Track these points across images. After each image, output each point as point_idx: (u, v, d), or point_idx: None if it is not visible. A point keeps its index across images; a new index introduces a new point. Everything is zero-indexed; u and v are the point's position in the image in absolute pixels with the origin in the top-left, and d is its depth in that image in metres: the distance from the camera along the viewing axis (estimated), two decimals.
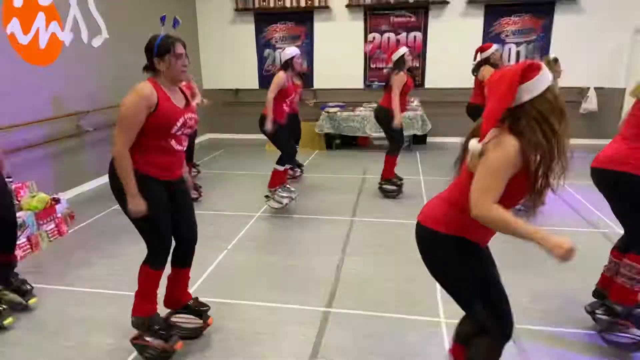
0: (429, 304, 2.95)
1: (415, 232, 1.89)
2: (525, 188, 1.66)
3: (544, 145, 1.59)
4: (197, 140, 7.06)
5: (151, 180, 2.32)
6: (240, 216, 4.65)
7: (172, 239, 2.50)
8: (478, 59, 5.18)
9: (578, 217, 4.49)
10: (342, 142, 7.93)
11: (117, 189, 2.33)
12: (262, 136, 8.29)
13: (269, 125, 4.45)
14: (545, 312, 2.87)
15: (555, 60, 4.37)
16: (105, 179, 5.84)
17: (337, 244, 3.93)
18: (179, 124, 2.34)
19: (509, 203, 1.66)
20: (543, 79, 1.60)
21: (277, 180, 4.76)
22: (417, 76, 8.10)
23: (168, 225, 2.42)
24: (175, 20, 2.62)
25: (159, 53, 2.29)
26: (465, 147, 1.76)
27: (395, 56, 4.92)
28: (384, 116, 5.02)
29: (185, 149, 2.47)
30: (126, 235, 4.08)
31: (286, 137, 4.71)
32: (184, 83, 3.11)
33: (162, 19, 2.63)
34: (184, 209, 2.53)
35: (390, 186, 5.17)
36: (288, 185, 4.87)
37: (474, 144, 1.64)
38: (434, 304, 2.95)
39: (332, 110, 7.68)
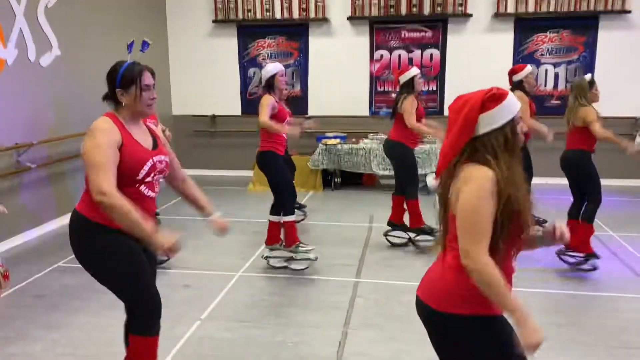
0: None
1: (416, 307, 1.93)
2: (517, 228, 1.75)
3: (501, 182, 1.70)
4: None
5: (121, 234, 2.32)
6: (218, 276, 4.62)
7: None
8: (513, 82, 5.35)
9: (637, 282, 4.50)
10: (342, 180, 7.99)
11: (86, 246, 2.35)
12: (243, 172, 8.52)
13: (295, 131, 4.58)
14: None
15: (592, 83, 4.50)
16: (47, 227, 5.87)
17: (339, 314, 3.88)
18: (146, 168, 2.38)
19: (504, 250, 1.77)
20: (504, 110, 1.74)
21: (293, 234, 4.65)
22: (432, 101, 8.27)
23: (151, 280, 2.46)
24: (144, 43, 2.71)
25: (123, 84, 2.35)
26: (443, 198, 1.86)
27: (403, 78, 5.05)
28: (395, 150, 5.10)
29: (157, 194, 2.51)
30: (69, 300, 4.03)
31: (288, 176, 4.76)
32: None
33: (130, 46, 2.73)
34: (153, 265, 2.58)
35: (425, 236, 5.20)
36: (303, 244, 4.79)
37: (431, 180, 1.77)
38: None
39: (330, 142, 7.78)
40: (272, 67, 4.67)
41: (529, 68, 5.34)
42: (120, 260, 2.35)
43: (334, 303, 4.08)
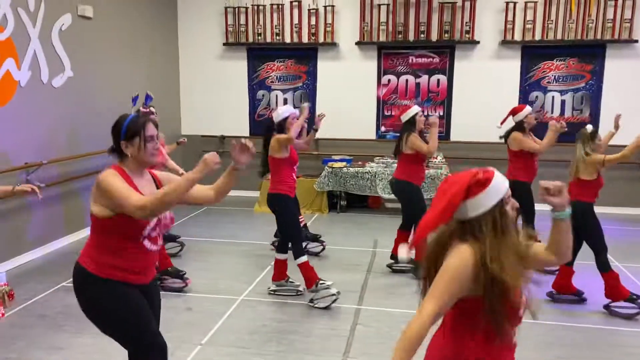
0: None
1: None
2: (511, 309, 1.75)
3: (487, 265, 1.70)
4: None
5: (123, 285, 2.40)
6: (220, 300, 4.62)
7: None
8: (510, 122, 5.36)
9: None
10: (348, 202, 8.00)
11: (87, 299, 2.41)
12: (250, 193, 8.55)
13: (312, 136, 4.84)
14: None
15: (593, 134, 4.45)
16: (54, 246, 5.92)
17: (339, 342, 3.87)
18: (152, 224, 2.43)
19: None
20: (491, 194, 1.74)
21: (310, 274, 4.51)
22: (439, 126, 8.29)
23: (155, 327, 2.49)
24: (147, 97, 2.80)
25: (127, 136, 2.41)
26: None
27: (405, 117, 5.10)
28: (402, 189, 5.13)
29: (159, 248, 2.55)
30: (72, 321, 4.06)
31: (297, 221, 4.73)
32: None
33: (134, 99, 2.82)
34: (154, 311, 2.59)
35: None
36: (292, 280, 4.78)
37: (403, 250, 1.79)
38: None
39: (336, 165, 7.81)
40: (285, 110, 4.66)
41: (528, 108, 5.37)
42: (121, 310, 2.39)
43: (335, 330, 4.06)
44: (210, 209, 8.08)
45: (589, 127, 4.54)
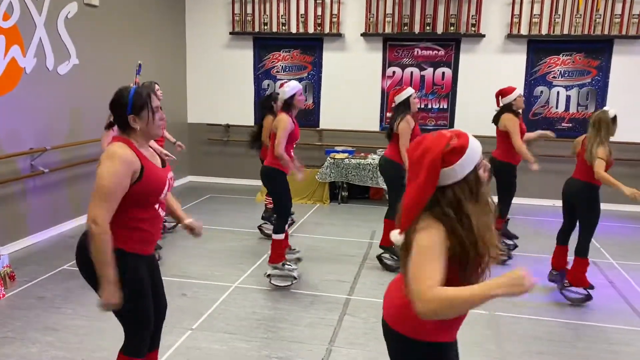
0: None
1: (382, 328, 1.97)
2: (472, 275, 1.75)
3: (463, 235, 1.69)
4: (175, 184, 7.22)
5: (133, 259, 2.43)
6: (214, 286, 4.71)
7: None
8: (500, 104, 5.36)
9: (630, 313, 4.45)
10: (350, 193, 8.05)
11: (91, 270, 2.36)
12: (254, 182, 8.63)
13: (298, 177, 4.63)
14: None
15: (614, 119, 4.35)
16: (58, 229, 6.05)
17: (326, 331, 3.95)
18: (165, 188, 2.50)
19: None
20: (466, 162, 1.71)
21: (281, 253, 4.72)
22: (443, 119, 8.30)
23: (152, 313, 2.56)
24: (139, 66, 2.82)
25: (135, 109, 2.36)
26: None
27: (399, 98, 5.07)
28: (388, 169, 5.14)
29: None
30: (69, 304, 4.18)
31: (289, 197, 4.79)
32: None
33: (139, 69, 2.81)
34: (157, 284, 2.68)
35: (390, 261, 5.25)
36: (289, 263, 4.85)
37: (395, 235, 1.80)
38: None
39: (338, 156, 7.85)
40: (291, 87, 4.62)
41: (518, 90, 5.34)
42: (132, 287, 2.42)
43: (323, 320, 4.13)
44: (212, 197, 8.18)
45: (612, 112, 4.32)
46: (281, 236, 4.72)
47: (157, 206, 2.49)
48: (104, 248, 2.26)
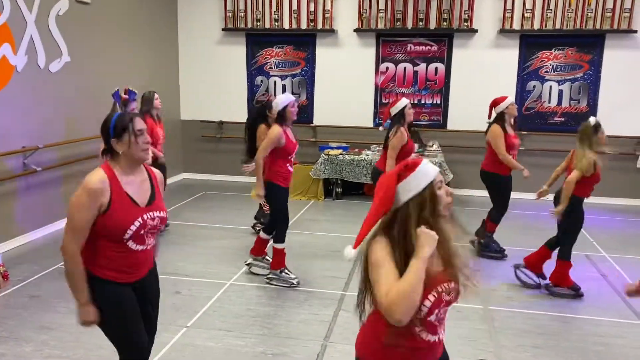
0: None
1: None
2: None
3: (400, 250, 1.79)
4: (169, 181, 7.18)
5: (109, 286, 2.41)
6: (209, 284, 4.72)
7: (148, 342, 2.60)
8: (493, 115, 5.37)
9: (623, 306, 4.49)
10: (344, 189, 8.06)
11: None
12: (247, 179, 8.61)
13: (259, 191, 4.55)
14: None
15: (597, 127, 4.40)
16: (52, 228, 6.03)
17: (321, 327, 3.96)
18: (134, 227, 2.36)
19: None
20: (420, 175, 1.82)
21: (281, 259, 4.74)
22: (436, 114, 8.31)
23: (140, 332, 2.52)
24: (130, 93, 2.76)
25: (116, 133, 2.36)
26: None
27: (394, 110, 5.09)
28: (378, 178, 5.14)
29: (152, 244, 2.53)
30: (63, 302, 4.18)
31: (286, 209, 4.76)
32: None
33: (115, 95, 2.77)
34: (146, 307, 2.61)
35: None
36: (268, 258, 4.89)
37: (348, 249, 1.89)
38: None
39: (332, 152, 7.86)
40: (284, 99, 4.58)
41: (510, 99, 5.33)
42: (109, 312, 2.42)
43: (318, 316, 4.15)
44: (207, 194, 8.17)
45: (592, 120, 4.42)
46: (282, 245, 4.70)
47: (128, 242, 2.38)
48: (72, 274, 2.34)
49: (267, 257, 4.91)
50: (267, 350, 3.62)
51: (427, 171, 1.84)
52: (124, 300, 2.46)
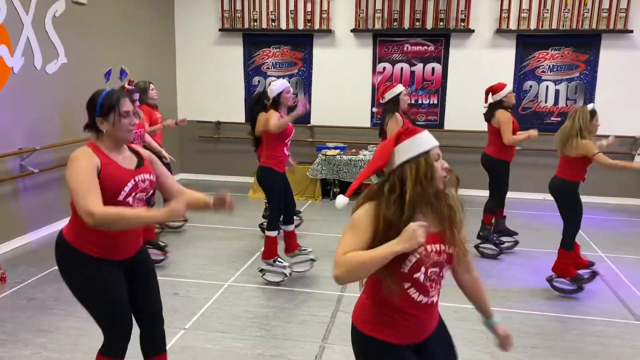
0: None
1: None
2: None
3: (385, 213, 1.84)
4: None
5: (94, 260, 2.43)
6: (207, 285, 4.72)
7: (132, 322, 2.59)
8: (490, 101, 5.38)
9: (619, 305, 4.51)
10: (341, 190, 8.06)
11: (66, 270, 2.47)
12: (245, 179, 8.63)
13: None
14: None
15: (593, 113, 4.40)
16: (49, 230, 6.01)
17: (319, 328, 3.97)
18: (127, 188, 2.41)
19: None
20: (416, 143, 1.88)
21: (272, 249, 4.78)
22: (433, 114, 8.33)
23: (124, 310, 2.52)
24: (122, 72, 2.80)
25: (102, 112, 2.39)
26: None
27: (389, 95, 5.05)
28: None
29: None
30: (61, 305, 4.18)
31: (282, 196, 4.79)
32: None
33: (107, 74, 2.80)
34: (140, 289, 2.63)
35: None
36: (280, 260, 4.88)
37: (341, 198, 1.98)
38: None
39: (330, 152, 7.86)
40: (279, 85, 4.63)
41: (508, 87, 5.35)
42: (95, 288, 2.43)
43: (316, 317, 4.16)
44: (208, 194, 8.14)
45: (591, 106, 4.42)
46: (274, 233, 4.75)
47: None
48: (119, 217, 2.25)
49: (280, 260, 4.86)
50: (266, 352, 3.63)
51: (426, 139, 1.89)
52: (109, 277, 2.46)
